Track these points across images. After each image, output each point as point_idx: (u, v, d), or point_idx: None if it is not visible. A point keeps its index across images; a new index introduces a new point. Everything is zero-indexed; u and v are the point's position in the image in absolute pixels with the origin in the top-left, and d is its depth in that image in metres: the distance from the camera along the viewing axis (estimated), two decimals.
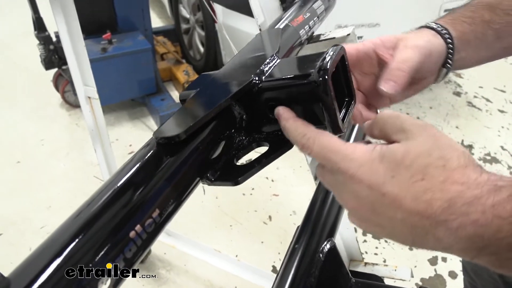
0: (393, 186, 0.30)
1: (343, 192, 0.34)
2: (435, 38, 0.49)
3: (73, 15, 0.95)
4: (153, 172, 0.33)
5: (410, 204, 0.29)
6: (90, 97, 1.08)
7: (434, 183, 0.28)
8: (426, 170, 0.29)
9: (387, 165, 0.30)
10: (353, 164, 0.32)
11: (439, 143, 0.30)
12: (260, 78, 0.39)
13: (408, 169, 0.29)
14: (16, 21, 3.43)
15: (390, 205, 0.30)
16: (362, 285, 0.61)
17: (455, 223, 0.27)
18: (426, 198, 0.28)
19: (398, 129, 0.32)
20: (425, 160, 0.29)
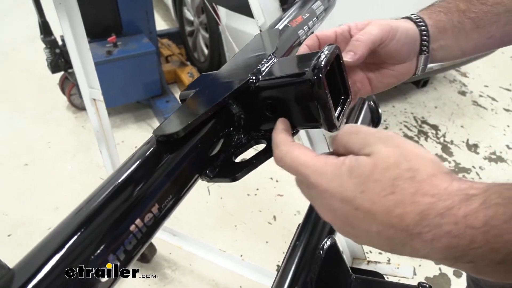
0: (364, 201, 0.30)
1: (319, 205, 0.34)
2: (406, 23, 0.50)
3: (77, 19, 0.97)
4: (153, 169, 0.34)
5: (383, 218, 0.29)
6: (95, 99, 1.10)
7: (405, 196, 0.28)
8: (396, 183, 0.29)
9: (356, 179, 0.30)
10: (324, 178, 0.32)
11: (406, 153, 0.30)
12: (257, 77, 0.40)
13: (377, 183, 0.29)
14: (22, 26, 3.48)
15: (364, 219, 0.30)
16: (362, 281, 0.61)
17: (429, 235, 0.27)
18: (398, 212, 0.28)
19: (363, 145, 0.32)
20: (393, 173, 0.29)
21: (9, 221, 1.71)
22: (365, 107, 0.97)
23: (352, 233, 0.32)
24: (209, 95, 0.41)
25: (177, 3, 2.79)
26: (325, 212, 0.34)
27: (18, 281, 0.26)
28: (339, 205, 0.31)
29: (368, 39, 0.46)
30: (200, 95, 0.42)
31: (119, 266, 0.29)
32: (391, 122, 2.39)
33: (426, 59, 0.53)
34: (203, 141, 0.39)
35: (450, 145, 2.22)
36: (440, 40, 0.52)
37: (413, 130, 2.32)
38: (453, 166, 2.07)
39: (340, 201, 0.31)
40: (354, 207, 0.30)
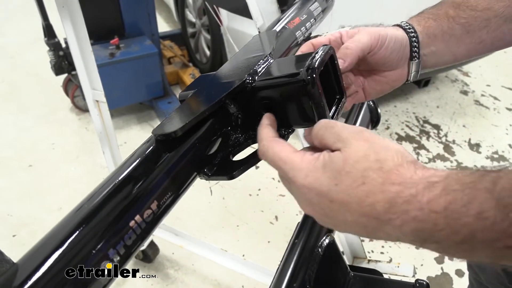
0: (338, 193, 0.32)
1: (298, 199, 0.36)
2: (395, 30, 0.51)
3: (80, 21, 0.98)
4: (152, 167, 0.35)
5: (356, 208, 0.31)
6: (98, 100, 1.12)
7: (374, 186, 0.30)
8: (365, 173, 0.31)
9: (329, 173, 0.32)
10: (300, 174, 0.34)
11: (374, 146, 0.32)
12: (253, 78, 0.41)
13: (348, 175, 0.31)
14: (26, 29, 3.51)
15: (339, 210, 0.32)
16: (360, 278, 0.62)
17: (398, 221, 0.29)
18: (369, 201, 0.30)
19: (336, 139, 0.34)
20: (363, 165, 0.31)
21: (14, 221, 1.73)
22: (364, 107, 0.98)
23: (331, 223, 0.34)
24: (206, 95, 0.42)
25: (179, 5, 2.81)
26: (304, 205, 0.36)
27: (21, 275, 0.27)
28: (316, 199, 0.33)
29: (358, 47, 0.48)
30: (198, 96, 0.43)
31: (119, 260, 0.30)
32: (393, 122, 2.39)
33: (417, 65, 0.54)
34: (201, 140, 0.40)
35: (452, 144, 2.22)
36: (430, 46, 0.53)
37: (415, 130, 2.33)
38: (455, 165, 2.07)
39: (316, 194, 0.33)
40: (330, 200, 0.32)
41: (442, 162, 2.10)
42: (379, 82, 0.54)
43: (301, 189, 0.34)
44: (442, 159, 2.12)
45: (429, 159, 2.12)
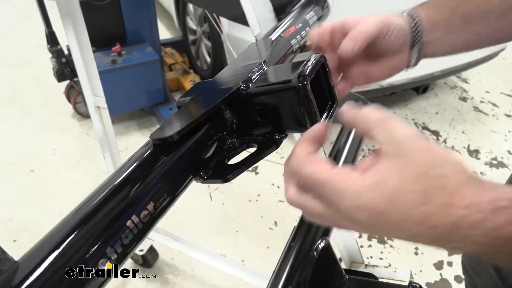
0: (396, 214, 0.29)
1: (343, 221, 0.33)
2: (398, 18, 0.53)
3: (83, 29, 1.01)
4: (150, 170, 0.37)
5: (416, 228, 0.29)
6: (99, 106, 1.14)
7: (437, 207, 0.28)
8: (428, 192, 0.28)
9: (385, 194, 0.29)
10: (347, 195, 0.31)
11: (434, 158, 0.29)
12: (247, 85, 0.43)
13: (407, 195, 0.29)
14: (30, 36, 3.55)
15: (395, 228, 0.30)
16: (355, 281, 0.63)
17: (457, 244, 0.29)
18: (430, 224, 0.28)
19: (389, 139, 0.31)
20: (424, 182, 0.29)
21: (15, 226, 1.74)
22: None
23: (381, 234, 0.33)
24: (203, 101, 0.43)
25: (180, 13, 2.84)
26: (351, 225, 0.33)
27: (21, 273, 0.29)
28: (368, 219, 0.30)
29: (367, 33, 0.49)
30: (194, 101, 0.44)
31: (117, 258, 0.31)
32: None
33: (418, 52, 0.55)
34: (197, 145, 0.41)
35: (451, 150, 2.23)
36: (430, 34, 0.55)
37: None
38: None
39: (370, 215, 0.30)
40: (386, 219, 0.30)
41: None
42: (380, 67, 0.55)
43: (350, 211, 0.31)
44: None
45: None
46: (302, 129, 0.43)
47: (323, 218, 0.34)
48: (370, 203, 0.30)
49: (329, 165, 0.33)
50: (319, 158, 0.34)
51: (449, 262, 1.60)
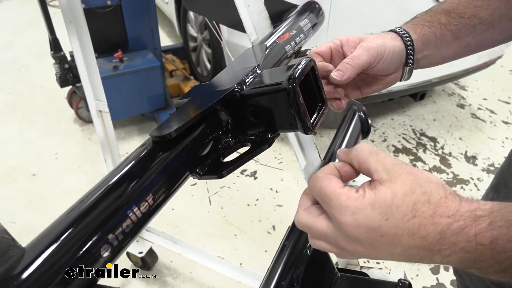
0: (390, 228, 0.33)
1: (341, 236, 0.36)
2: (393, 41, 0.56)
3: (86, 36, 1.04)
4: (149, 165, 0.39)
5: (407, 241, 0.33)
6: (101, 110, 1.17)
7: (425, 218, 0.32)
8: (415, 207, 0.33)
9: (379, 210, 0.33)
10: (347, 212, 0.34)
11: (418, 179, 0.34)
12: (241, 87, 0.46)
13: (399, 209, 0.33)
14: (33, 43, 3.60)
15: (389, 244, 0.33)
16: (346, 278, 0.65)
17: (447, 251, 0.32)
18: (420, 234, 0.32)
19: (381, 168, 0.35)
20: (411, 198, 0.33)
21: (17, 229, 1.76)
22: (355, 118, 1.02)
23: (375, 255, 0.35)
24: (199, 102, 0.46)
25: (181, 20, 2.89)
26: (348, 242, 0.35)
27: (28, 257, 0.31)
28: (364, 235, 0.34)
29: (358, 64, 0.53)
30: (192, 102, 0.47)
31: (118, 245, 0.34)
32: (390, 134, 2.43)
33: (411, 69, 0.59)
34: (194, 143, 0.44)
35: (449, 157, 2.26)
36: (423, 51, 0.59)
37: (412, 142, 2.36)
38: (451, 177, 2.10)
39: (366, 231, 0.34)
40: (380, 234, 0.33)
41: (438, 174, 2.13)
42: (374, 83, 0.59)
43: (348, 226, 0.34)
44: (438, 171, 2.15)
45: (426, 171, 2.15)
46: (293, 129, 0.45)
47: (327, 238, 0.37)
48: (365, 220, 0.34)
49: (340, 184, 0.37)
50: (336, 178, 0.38)
51: (445, 267, 1.61)
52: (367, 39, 0.55)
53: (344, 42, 0.57)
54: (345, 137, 0.95)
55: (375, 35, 0.57)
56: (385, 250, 0.34)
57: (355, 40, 0.56)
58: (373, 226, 0.33)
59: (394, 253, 0.34)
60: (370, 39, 0.55)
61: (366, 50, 0.53)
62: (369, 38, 0.55)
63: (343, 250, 0.36)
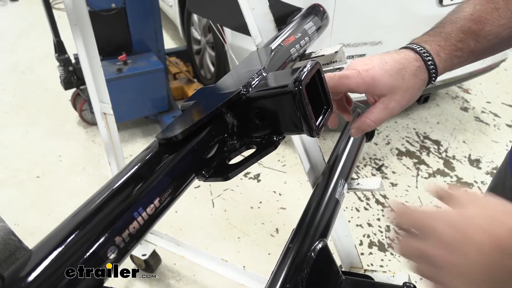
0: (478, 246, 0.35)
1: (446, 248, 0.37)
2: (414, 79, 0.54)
3: (91, 38, 1.05)
4: (155, 167, 0.39)
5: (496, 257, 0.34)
6: (105, 113, 1.17)
7: None
8: None
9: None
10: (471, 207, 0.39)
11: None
12: (247, 89, 0.46)
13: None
14: (37, 46, 3.62)
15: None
16: (351, 281, 0.65)
17: None
18: None
19: None
20: None
21: (20, 231, 1.77)
22: None
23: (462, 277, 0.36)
24: (205, 104, 0.46)
25: (185, 23, 2.90)
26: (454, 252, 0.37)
27: (35, 259, 0.31)
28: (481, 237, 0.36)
29: (377, 123, 0.55)
30: (197, 105, 0.47)
31: (124, 246, 0.34)
32: (393, 137, 2.43)
33: None
34: (199, 145, 0.44)
35: (452, 160, 2.25)
36: (441, 70, 0.57)
37: (415, 145, 2.36)
38: (455, 180, 2.09)
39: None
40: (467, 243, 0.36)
41: (442, 177, 2.12)
42: None
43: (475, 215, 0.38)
44: (442, 174, 2.14)
45: (429, 174, 2.14)
46: (298, 131, 0.45)
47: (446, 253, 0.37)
48: None
49: None
50: None
51: None
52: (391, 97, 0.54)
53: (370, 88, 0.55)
54: (349, 140, 0.95)
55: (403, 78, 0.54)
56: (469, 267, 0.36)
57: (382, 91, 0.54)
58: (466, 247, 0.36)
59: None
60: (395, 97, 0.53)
61: (388, 110, 0.54)
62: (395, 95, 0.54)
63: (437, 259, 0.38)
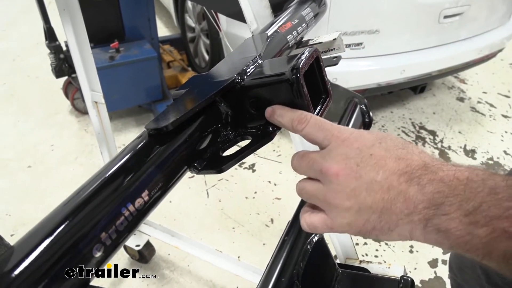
0: (380, 149, 0.36)
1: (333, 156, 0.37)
2: None
3: (81, 24, 1.01)
4: (144, 159, 0.37)
5: (393, 164, 0.35)
6: (97, 102, 1.14)
7: (413, 151, 0.36)
8: (406, 145, 0.37)
9: (375, 135, 0.37)
10: (345, 131, 0.38)
11: None
12: (242, 77, 0.43)
13: (392, 140, 0.37)
14: (28, 33, 3.55)
15: (374, 165, 0.35)
16: (347, 274, 0.64)
17: (425, 178, 0.33)
18: (406, 159, 0.35)
19: None
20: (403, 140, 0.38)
21: (12, 221, 1.74)
22: (356, 111, 1.00)
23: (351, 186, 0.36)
24: (197, 93, 0.44)
25: (179, 10, 2.84)
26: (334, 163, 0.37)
27: (17, 256, 0.29)
28: (355, 151, 0.36)
29: None
30: (190, 94, 0.45)
31: (111, 244, 0.32)
32: (389, 127, 2.42)
33: None
34: (192, 136, 0.42)
35: (448, 150, 2.25)
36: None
37: (411, 136, 2.35)
38: None
39: (358, 147, 0.37)
40: (369, 154, 0.36)
41: None
42: None
43: (343, 142, 0.37)
44: None
45: None
46: None
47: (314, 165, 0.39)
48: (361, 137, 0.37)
49: None
50: None
51: (443, 260, 1.61)
52: None
53: None
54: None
55: None
56: (367, 174, 0.35)
57: None
58: (366, 143, 0.36)
59: (373, 182, 0.35)
60: None
61: None
62: None
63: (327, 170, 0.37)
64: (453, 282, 0.92)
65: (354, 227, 0.37)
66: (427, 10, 1.89)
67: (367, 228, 0.36)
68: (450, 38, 2.06)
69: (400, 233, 0.35)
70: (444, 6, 1.89)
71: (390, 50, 1.93)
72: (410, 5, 1.82)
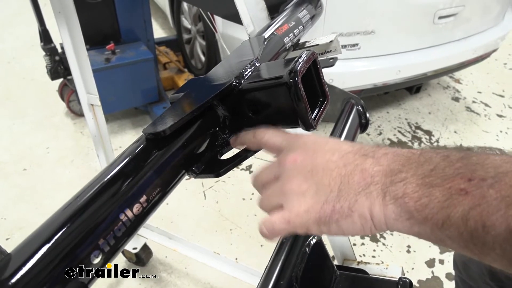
0: (335, 143, 0.40)
1: (288, 152, 0.40)
2: None
3: (76, 26, 1.00)
4: (142, 164, 0.37)
5: (347, 146, 0.38)
6: (92, 104, 1.14)
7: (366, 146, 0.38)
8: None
9: (329, 138, 0.42)
10: (301, 134, 0.42)
11: None
12: (239, 81, 0.43)
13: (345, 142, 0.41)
14: (23, 34, 3.53)
15: (330, 149, 0.38)
16: (346, 276, 0.64)
17: (380, 152, 0.36)
18: (360, 145, 0.38)
19: None
20: None
21: (8, 225, 1.73)
22: (353, 112, 1.00)
23: (308, 167, 0.38)
24: (195, 97, 0.44)
25: (175, 12, 2.84)
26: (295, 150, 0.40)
27: (14, 264, 0.29)
28: (311, 142, 0.40)
29: None
30: (187, 97, 0.45)
31: (109, 250, 0.32)
32: (385, 127, 2.42)
33: None
34: (189, 140, 0.42)
35: None
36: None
37: (407, 136, 2.36)
38: None
39: (314, 141, 0.40)
40: (326, 142, 0.40)
41: None
42: None
43: (302, 137, 0.41)
44: None
45: None
46: (293, 125, 0.43)
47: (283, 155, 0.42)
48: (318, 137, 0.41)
49: None
50: None
51: (440, 260, 1.62)
52: None
53: None
54: (343, 131, 0.93)
55: None
56: (323, 156, 0.38)
57: None
58: (321, 140, 0.40)
59: (329, 162, 0.37)
60: None
61: None
62: None
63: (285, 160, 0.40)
64: (457, 278, 0.92)
65: (313, 213, 0.36)
66: (422, 11, 1.90)
67: (326, 212, 0.35)
68: (445, 38, 2.07)
69: (360, 214, 0.34)
70: (439, 7, 1.89)
71: (385, 50, 1.94)
72: (405, 6, 1.83)
